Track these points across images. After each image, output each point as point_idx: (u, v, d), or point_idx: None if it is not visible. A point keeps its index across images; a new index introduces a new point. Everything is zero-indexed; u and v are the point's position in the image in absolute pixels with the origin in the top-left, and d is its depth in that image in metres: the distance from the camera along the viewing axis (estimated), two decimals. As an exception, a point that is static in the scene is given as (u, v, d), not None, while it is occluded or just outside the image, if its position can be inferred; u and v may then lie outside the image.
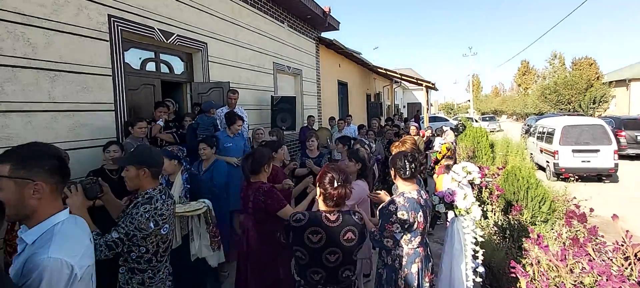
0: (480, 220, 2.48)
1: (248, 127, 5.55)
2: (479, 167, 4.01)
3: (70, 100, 3.44)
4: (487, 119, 28.35)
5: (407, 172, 2.12)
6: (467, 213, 2.46)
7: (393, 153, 2.83)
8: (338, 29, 9.87)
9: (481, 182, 3.99)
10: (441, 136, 8.07)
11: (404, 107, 28.23)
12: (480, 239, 2.46)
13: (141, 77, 4.59)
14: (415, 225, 2.05)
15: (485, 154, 9.67)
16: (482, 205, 4.32)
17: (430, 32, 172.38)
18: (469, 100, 40.15)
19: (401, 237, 2.06)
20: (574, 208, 4.61)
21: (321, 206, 1.78)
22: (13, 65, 2.99)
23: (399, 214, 2.03)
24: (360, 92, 14.99)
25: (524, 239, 4.67)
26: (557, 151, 8.67)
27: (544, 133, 9.82)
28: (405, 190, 2.13)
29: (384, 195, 2.52)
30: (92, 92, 3.65)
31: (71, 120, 3.45)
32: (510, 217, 4.94)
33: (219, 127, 4.54)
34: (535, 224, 5.12)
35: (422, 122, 13.94)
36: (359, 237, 1.73)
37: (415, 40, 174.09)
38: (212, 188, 3.40)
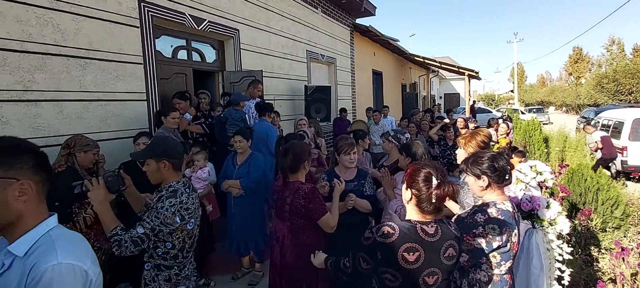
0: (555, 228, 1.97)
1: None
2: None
3: (101, 89, 3.32)
4: (534, 110, 26.05)
5: (509, 176, 1.66)
6: (551, 225, 1.98)
7: (464, 149, 2.28)
8: (374, 14, 9.32)
9: (553, 183, 3.41)
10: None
11: (441, 97, 26.88)
12: (567, 257, 1.97)
13: (173, 66, 4.44)
14: (508, 246, 1.59)
15: (539, 149, 8.77)
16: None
17: (470, 17, 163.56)
18: (511, 91, 37.54)
19: (484, 258, 1.62)
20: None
21: (412, 213, 1.41)
22: (43, 52, 2.88)
23: (488, 228, 1.57)
24: (396, 82, 14.30)
25: (592, 248, 4.07)
26: (626, 147, 7.63)
27: (608, 127, 8.72)
28: (497, 200, 1.66)
29: (451, 204, 2.07)
30: (124, 81, 3.51)
31: (103, 110, 3.34)
32: (576, 222, 4.36)
33: (249, 121, 4.25)
34: (606, 231, 4.50)
35: (463, 113, 13.01)
36: (459, 252, 1.42)
37: (454, 27, 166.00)
38: (249, 184, 3.14)
